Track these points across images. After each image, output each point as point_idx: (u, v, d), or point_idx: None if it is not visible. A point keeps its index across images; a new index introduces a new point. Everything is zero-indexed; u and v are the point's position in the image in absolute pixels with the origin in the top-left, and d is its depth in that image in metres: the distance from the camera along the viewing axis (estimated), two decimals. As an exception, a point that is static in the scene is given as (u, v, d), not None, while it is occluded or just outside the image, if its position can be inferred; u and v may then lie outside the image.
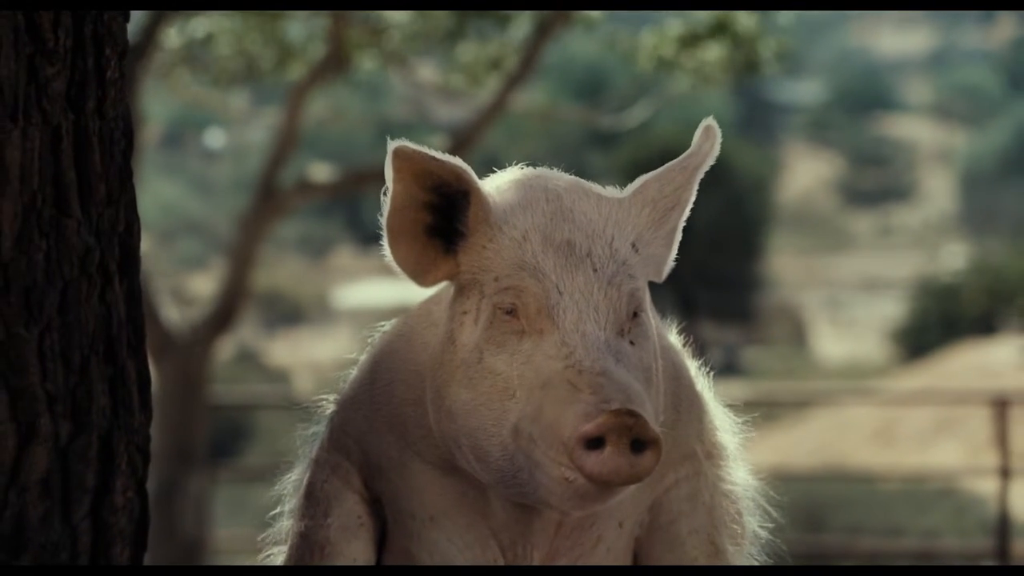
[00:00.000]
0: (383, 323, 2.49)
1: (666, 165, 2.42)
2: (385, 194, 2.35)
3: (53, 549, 2.22)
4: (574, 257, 2.31)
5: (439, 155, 2.33)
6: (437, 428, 2.35)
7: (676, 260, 2.43)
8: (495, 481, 2.30)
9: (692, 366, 2.50)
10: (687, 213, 2.43)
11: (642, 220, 2.38)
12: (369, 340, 2.49)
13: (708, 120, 2.42)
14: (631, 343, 2.29)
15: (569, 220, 2.33)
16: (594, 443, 2.18)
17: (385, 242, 2.37)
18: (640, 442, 2.18)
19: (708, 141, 2.41)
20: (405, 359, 2.43)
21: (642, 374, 2.28)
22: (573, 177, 2.42)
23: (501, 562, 2.39)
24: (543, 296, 2.28)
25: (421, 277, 2.38)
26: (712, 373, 2.54)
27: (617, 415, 2.17)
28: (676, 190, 2.41)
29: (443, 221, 2.37)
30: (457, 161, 2.34)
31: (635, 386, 2.22)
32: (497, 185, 2.41)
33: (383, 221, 2.36)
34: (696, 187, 2.43)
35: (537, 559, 2.39)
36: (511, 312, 2.30)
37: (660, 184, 2.40)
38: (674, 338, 2.51)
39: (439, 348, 2.36)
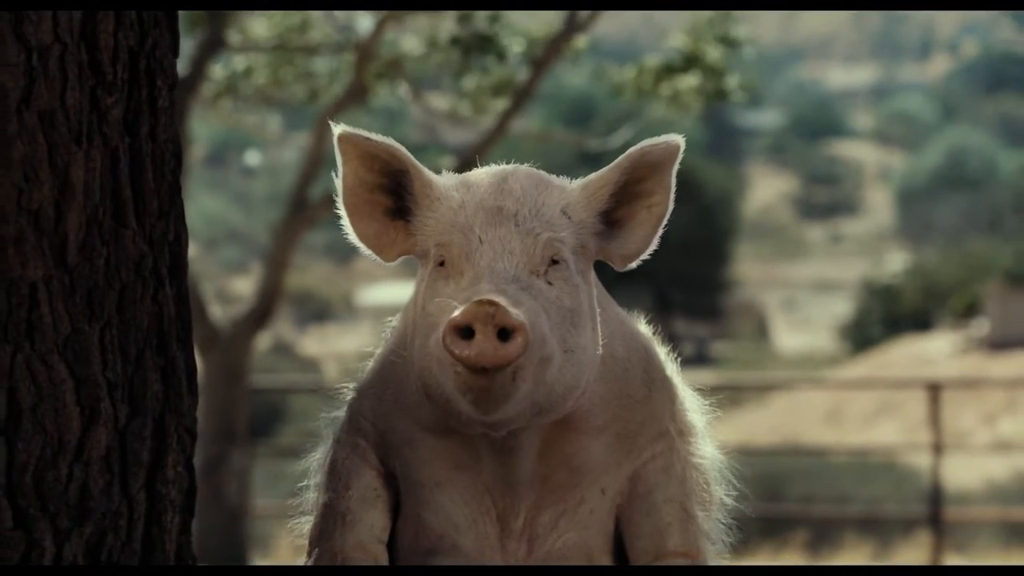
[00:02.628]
0: (390, 319, 2.47)
1: None
2: (337, 176, 2.32)
3: (113, 516, 2.21)
4: (500, 217, 2.27)
5: (375, 136, 2.30)
6: (417, 387, 2.31)
7: (654, 265, 2.39)
8: (445, 415, 2.26)
9: (662, 352, 2.46)
10: (651, 207, 2.35)
11: (575, 195, 2.33)
12: (382, 335, 2.48)
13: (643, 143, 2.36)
14: (548, 283, 2.25)
15: (506, 193, 2.30)
16: (465, 332, 2.14)
17: (344, 221, 2.33)
18: (506, 331, 2.14)
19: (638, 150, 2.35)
20: (404, 343, 2.40)
21: (557, 311, 2.23)
22: (540, 171, 2.37)
23: (494, 513, 2.36)
24: (466, 245, 2.25)
25: (382, 253, 2.36)
26: (685, 362, 2.52)
27: (479, 304, 2.13)
28: (607, 172, 2.34)
29: (400, 202, 2.34)
30: (390, 141, 2.30)
31: (525, 300, 2.18)
32: (466, 173, 2.37)
33: (339, 201, 2.32)
34: (621, 171, 2.34)
35: (524, 509, 2.36)
36: (442, 264, 2.27)
37: (599, 173, 2.35)
38: (644, 327, 2.47)
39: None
